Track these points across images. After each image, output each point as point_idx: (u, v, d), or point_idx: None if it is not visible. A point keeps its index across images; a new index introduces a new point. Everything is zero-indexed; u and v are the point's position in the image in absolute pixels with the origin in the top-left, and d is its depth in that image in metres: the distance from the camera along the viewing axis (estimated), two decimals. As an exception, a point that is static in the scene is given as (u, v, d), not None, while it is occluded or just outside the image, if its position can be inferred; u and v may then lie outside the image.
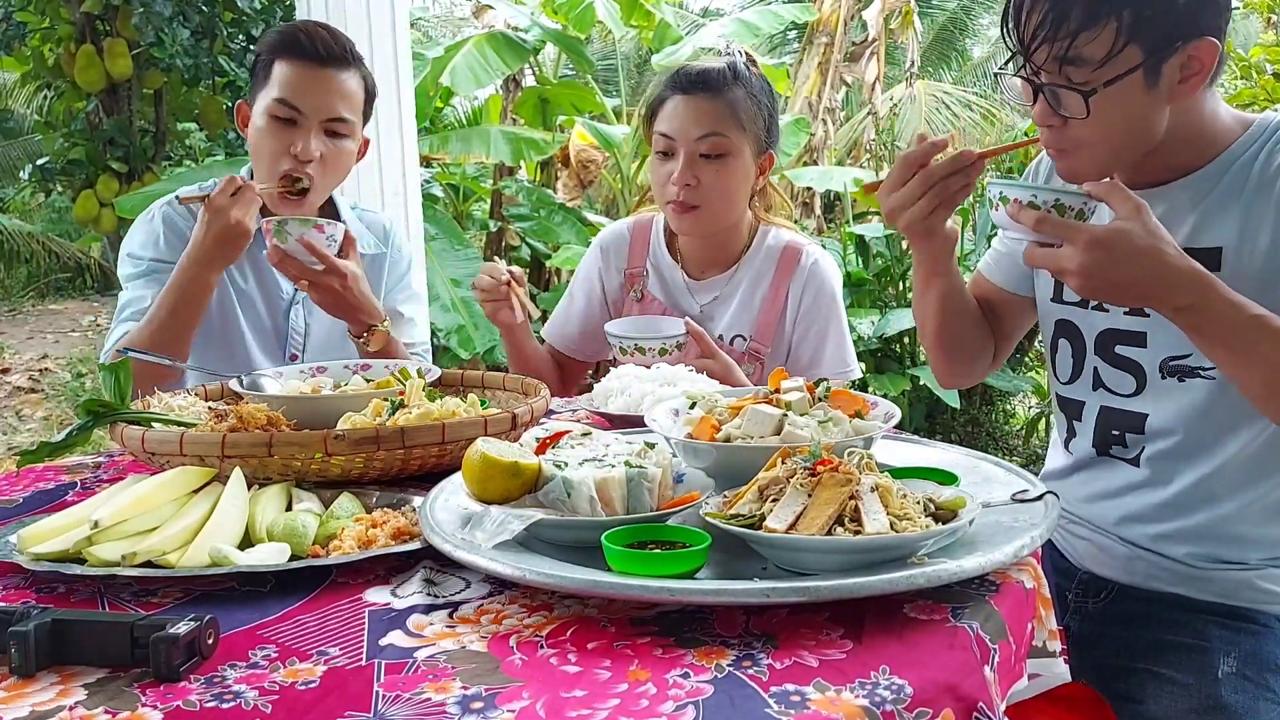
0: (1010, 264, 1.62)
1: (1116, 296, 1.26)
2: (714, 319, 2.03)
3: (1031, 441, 4.79)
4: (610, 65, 9.13)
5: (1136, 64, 1.23)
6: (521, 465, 1.07)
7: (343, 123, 1.89)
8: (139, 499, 1.13)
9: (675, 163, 1.91)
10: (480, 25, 6.58)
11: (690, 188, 1.90)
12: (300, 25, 1.92)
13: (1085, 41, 1.22)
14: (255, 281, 2.00)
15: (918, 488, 1.06)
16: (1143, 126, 1.30)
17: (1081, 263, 1.17)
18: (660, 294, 2.08)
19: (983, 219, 4.59)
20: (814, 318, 1.99)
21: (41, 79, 7.34)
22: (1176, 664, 1.37)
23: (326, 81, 1.87)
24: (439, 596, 1.00)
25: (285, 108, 1.85)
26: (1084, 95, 1.24)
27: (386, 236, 2.13)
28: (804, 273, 2.00)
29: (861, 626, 0.90)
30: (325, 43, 1.87)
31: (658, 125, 1.96)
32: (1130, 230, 1.17)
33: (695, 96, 1.91)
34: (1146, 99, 1.27)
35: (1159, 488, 1.43)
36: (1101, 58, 1.22)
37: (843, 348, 2.01)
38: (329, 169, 1.90)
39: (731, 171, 1.92)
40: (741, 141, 1.92)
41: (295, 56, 1.86)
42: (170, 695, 0.81)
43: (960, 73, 14.57)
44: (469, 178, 6.58)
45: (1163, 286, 1.19)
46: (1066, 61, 1.24)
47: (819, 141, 7.26)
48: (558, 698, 0.79)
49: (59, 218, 11.71)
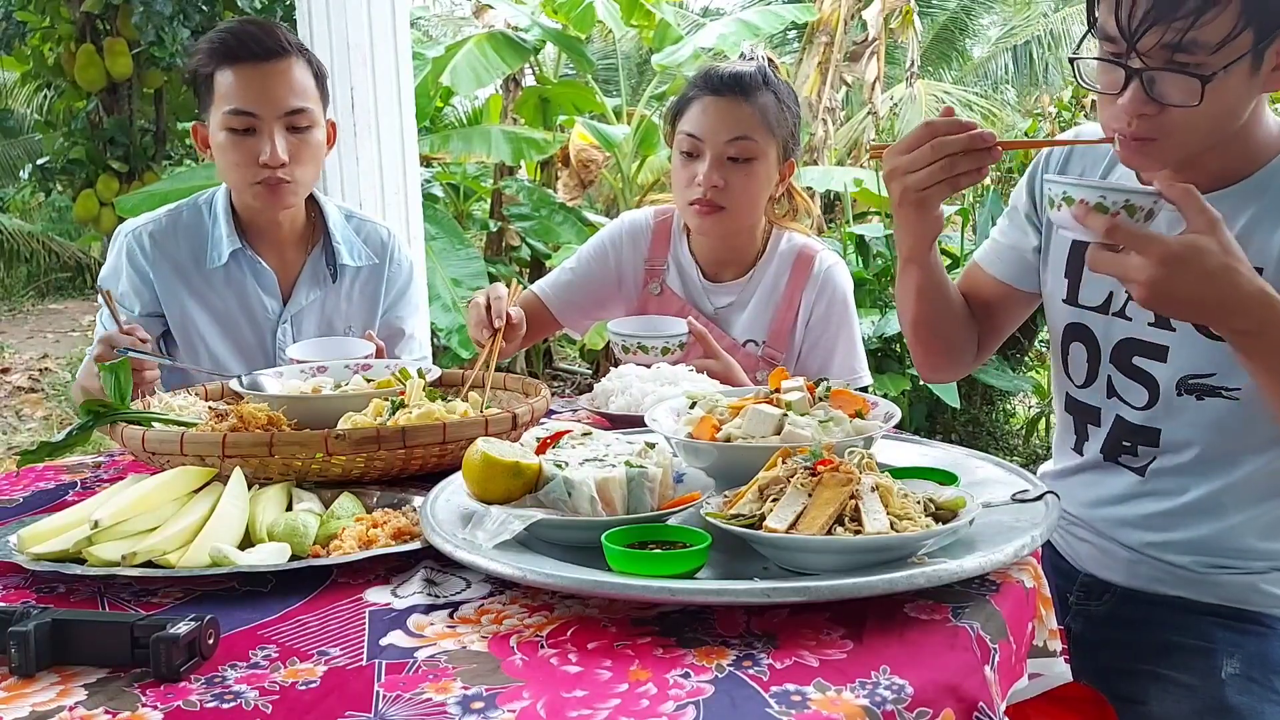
0: (1013, 257, 1.56)
1: (1180, 312, 1.21)
2: (730, 323, 2.02)
3: (1031, 441, 4.79)
4: (610, 65, 9.12)
5: (1248, 49, 1.17)
6: (522, 465, 1.07)
7: (302, 114, 1.84)
8: (139, 499, 1.13)
9: (701, 164, 1.90)
10: (480, 25, 6.58)
11: (717, 189, 1.89)
12: (228, 29, 1.87)
13: (1206, 22, 1.15)
14: (237, 304, 1.96)
15: (918, 488, 1.06)
16: (1234, 116, 1.24)
17: (1152, 276, 1.11)
18: (680, 291, 2.06)
19: (983, 219, 4.59)
20: (825, 325, 1.98)
21: (41, 78, 7.34)
22: (1180, 665, 1.36)
23: (273, 77, 1.81)
24: (439, 596, 1.00)
25: (240, 117, 1.81)
26: (1202, 81, 1.17)
27: (384, 248, 2.07)
28: (817, 280, 1.99)
29: (862, 626, 0.90)
30: (258, 39, 1.81)
31: (684, 125, 1.93)
32: (1206, 248, 1.11)
33: (726, 99, 1.89)
34: (1246, 86, 1.21)
35: (1166, 498, 1.40)
36: (1218, 41, 1.16)
37: (852, 355, 1.99)
38: (302, 164, 1.86)
39: (757, 176, 1.92)
40: (769, 146, 1.91)
41: (233, 61, 1.81)
42: (170, 695, 0.81)
43: (960, 73, 14.56)
44: (469, 177, 6.58)
45: (1229, 310, 1.14)
46: (1179, 48, 1.17)
47: (819, 141, 7.25)
48: (558, 698, 0.79)
49: (59, 217, 11.70)
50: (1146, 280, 1.12)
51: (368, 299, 2.06)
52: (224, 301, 1.95)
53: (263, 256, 1.96)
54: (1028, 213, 1.55)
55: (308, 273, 2.00)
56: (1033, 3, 15.34)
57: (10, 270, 10.67)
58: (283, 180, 1.84)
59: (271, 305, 1.97)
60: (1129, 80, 1.21)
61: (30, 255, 10.56)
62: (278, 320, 1.98)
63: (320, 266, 2.01)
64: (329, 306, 2.02)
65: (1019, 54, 14.09)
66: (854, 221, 5.36)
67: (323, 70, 1.93)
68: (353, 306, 2.05)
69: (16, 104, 11.19)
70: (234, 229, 1.93)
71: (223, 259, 1.92)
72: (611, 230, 2.15)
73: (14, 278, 10.64)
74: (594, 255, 2.12)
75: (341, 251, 2.00)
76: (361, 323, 2.05)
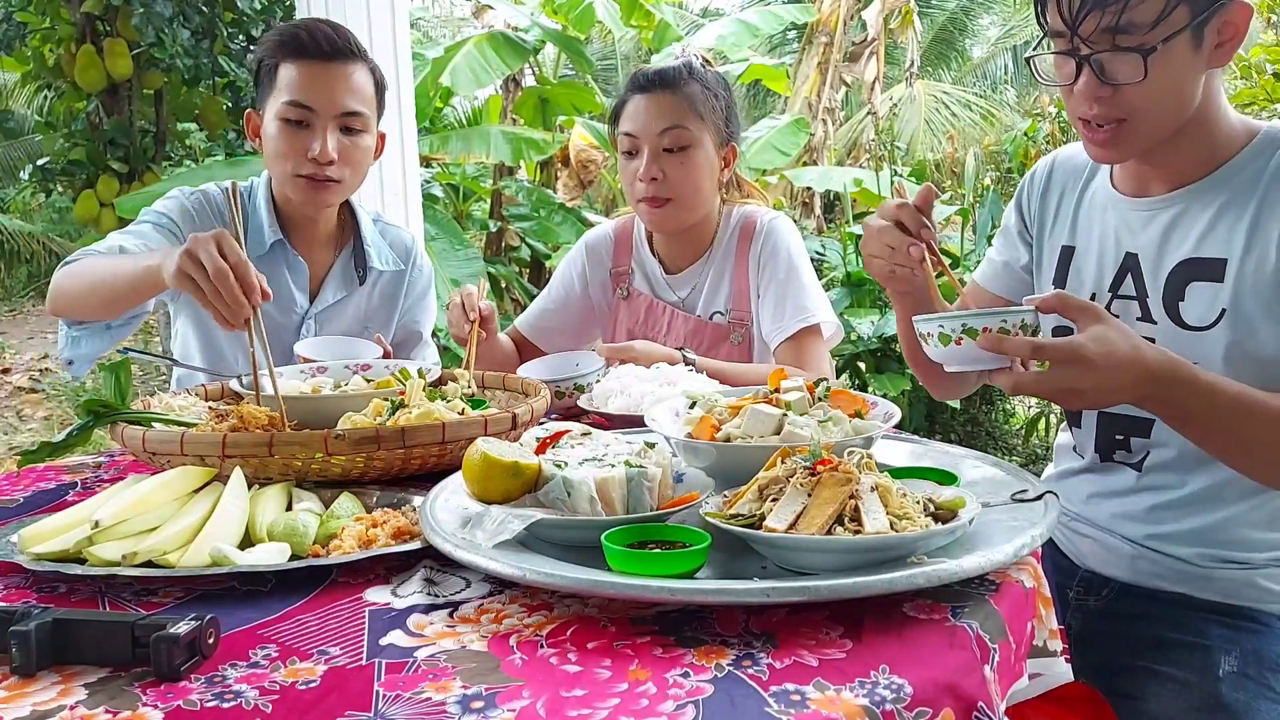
0: (1010, 274, 1.63)
1: (1105, 402, 1.25)
2: (694, 307, 2.09)
3: (1031, 441, 4.79)
4: (610, 65, 9.13)
5: (1184, 24, 1.23)
6: (522, 465, 1.07)
7: (356, 117, 1.87)
8: (139, 499, 1.13)
9: (640, 160, 1.97)
10: (480, 25, 6.58)
11: (657, 181, 1.96)
12: (300, 24, 1.91)
13: (1138, 3, 1.22)
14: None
15: (918, 488, 1.06)
16: (1187, 93, 1.29)
17: (1073, 384, 1.14)
18: (646, 290, 2.14)
19: (983, 219, 4.59)
20: (773, 273, 2.03)
21: (42, 79, 7.32)
22: (1177, 662, 1.37)
23: (335, 77, 1.85)
24: (439, 596, 1.00)
25: (297, 109, 1.83)
26: (1143, 55, 1.23)
27: (408, 255, 2.12)
28: (760, 235, 2.05)
29: (861, 626, 0.90)
30: (329, 38, 1.85)
31: (621, 126, 2.02)
32: (1111, 337, 1.14)
33: (654, 94, 1.97)
34: (1190, 63, 1.27)
35: (1166, 491, 1.42)
36: (1153, 20, 1.22)
37: (802, 294, 2.00)
38: (350, 165, 1.88)
39: (695, 163, 1.98)
40: (702, 132, 1.97)
41: (300, 56, 1.84)
42: (171, 695, 0.81)
43: (960, 73, 14.58)
44: (469, 178, 6.58)
45: (1147, 386, 1.17)
46: (1117, 30, 1.24)
47: (819, 141, 7.26)
48: (558, 697, 0.79)
49: (59, 218, 11.70)
50: (1088, 388, 1.14)
51: (388, 301, 2.10)
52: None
53: (298, 251, 1.99)
54: (1019, 231, 1.63)
55: (337, 272, 2.04)
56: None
57: (10, 271, 10.68)
58: (329, 179, 1.87)
59: (300, 300, 2.00)
60: (1080, 68, 1.28)
61: (30, 256, 10.57)
62: (304, 316, 2.01)
63: (349, 268, 2.05)
64: (353, 307, 2.06)
65: (1018, 54, 14.11)
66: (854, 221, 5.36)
67: (384, 81, 1.97)
68: (374, 308, 2.09)
69: (17, 105, 11.19)
70: (275, 220, 1.95)
71: (265, 247, 1.94)
72: (573, 254, 2.24)
73: (14, 278, 10.65)
74: (561, 282, 2.23)
75: (371, 255, 2.04)
76: (381, 325, 2.08)
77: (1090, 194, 1.51)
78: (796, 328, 1.97)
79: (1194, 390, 1.19)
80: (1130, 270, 1.42)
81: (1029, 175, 1.62)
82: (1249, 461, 1.26)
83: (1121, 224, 1.44)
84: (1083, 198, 1.52)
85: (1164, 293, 1.38)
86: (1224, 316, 1.32)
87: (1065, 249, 1.52)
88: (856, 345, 4.22)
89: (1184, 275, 1.36)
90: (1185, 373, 1.19)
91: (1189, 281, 1.35)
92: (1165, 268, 1.38)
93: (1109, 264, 1.45)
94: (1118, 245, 1.44)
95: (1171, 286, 1.37)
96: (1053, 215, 1.56)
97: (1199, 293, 1.34)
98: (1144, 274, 1.40)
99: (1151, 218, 1.40)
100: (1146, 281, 1.40)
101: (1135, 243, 1.42)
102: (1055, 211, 1.55)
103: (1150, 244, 1.40)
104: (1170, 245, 1.38)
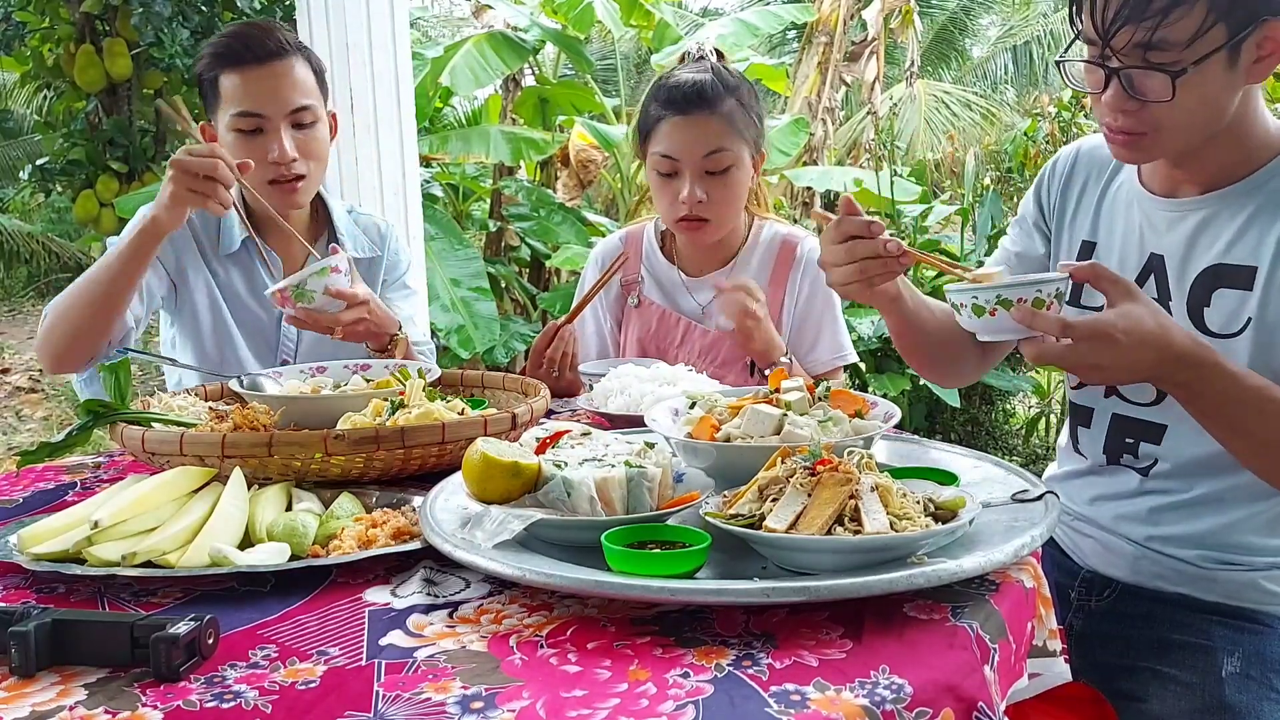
0: (1023, 265, 1.59)
1: (1125, 378, 1.27)
2: (714, 315, 2.06)
3: (1031, 441, 4.79)
4: (610, 65, 9.13)
5: (1221, 43, 1.20)
6: (521, 465, 1.07)
7: (306, 110, 1.89)
8: (139, 499, 1.13)
9: (681, 181, 1.93)
10: (480, 25, 6.57)
11: (701, 204, 1.93)
12: (229, 33, 1.91)
13: (1174, 21, 1.18)
14: (245, 286, 1.99)
15: (918, 488, 1.06)
16: (1218, 108, 1.27)
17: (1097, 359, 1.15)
18: (658, 298, 2.12)
19: (983, 219, 4.59)
20: (811, 305, 2.05)
21: (41, 79, 7.32)
22: (1180, 663, 1.37)
23: (276, 77, 1.86)
24: (439, 596, 1.00)
25: (247, 118, 1.85)
26: (1172, 77, 1.20)
27: (382, 239, 2.13)
28: (801, 263, 2.05)
29: (861, 626, 0.90)
30: (260, 41, 1.86)
31: (655, 146, 1.96)
32: (1138, 314, 1.14)
33: (693, 116, 1.91)
34: (1225, 80, 1.24)
35: (1170, 494, 1.41)
36: (1188, 38, 1.19)
37: (838, 333, 2.06)
38: (311, 158, 1.91)
39: (737, 181, 1.96)
40: (742, 150, 1.94)
41: (237, 64, 1.85)
42: (170, 695, 0.81)
43: (960, 73, 14.58)
44: (469, 178, 6.57)
45: (1169, 366, 1.17)
46: (1150, 46, 1.20)
47: (819, 141, 7.25)
48: (558, 697, 0.79)
49: (59, 218, 11.70)
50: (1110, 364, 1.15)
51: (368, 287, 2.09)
52: (231, 281, 1.99)
53: (271, 247, 2.00)
54: (1035, 220, 1.59)
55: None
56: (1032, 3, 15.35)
57: (10, 271, 10.67)
58: (296, 176, 1.88)
59: None
60: (1109, 79, 1.26)
61: (30, 256, 10.57)
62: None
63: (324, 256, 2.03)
64: None
65: (1019, 54, 14.11)
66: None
67: (321, 66, 1.98)
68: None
69: (16, 104, 11.19)
70: (244, 220, 1.96)
71: (235, 246, 1.97)
72: (588, 267, 2.23)
73: (14, 278, 10.65)
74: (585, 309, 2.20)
75: (345, 244, 2.04)
76: None
77: (1115, 188, 1.48)
78: (834, 365, 2.04)
79: (1217, 376, 1.18)
80: (1154, 271, 1.40)
81: (1050, 164, 1.58)
82: (1262, 461, 1.25)
83: (1147, 223, 1.41)
84: (1106, 191, 1.49)
85: (1189, 297, 1.35)
86: (1250, 325, 1.30)
87: (1086, 243, 1.49)
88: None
89: (1210, 281, 1.33)
90: (1209, 357, 1.18)
91: (1215, 288, 1.33)
92: (1191, 272, 1.35)
93: (1132, 263, 1.42)
94: (1141, 244, 1.42)
95: (1197, 291, 1.35)
96: (1074, 206, 1.52)
97: (1225, 299, 1.32)
98: (1169, 277, 1.38)
99: (1179, 219, 1.37)
100: (1171, 284, 1.37)
101: (1160, 243, 1.39)
102: (1077, 203, 1.52)
103: (1176, 246, 1.37)
104: (1198, 249, 1.35)
